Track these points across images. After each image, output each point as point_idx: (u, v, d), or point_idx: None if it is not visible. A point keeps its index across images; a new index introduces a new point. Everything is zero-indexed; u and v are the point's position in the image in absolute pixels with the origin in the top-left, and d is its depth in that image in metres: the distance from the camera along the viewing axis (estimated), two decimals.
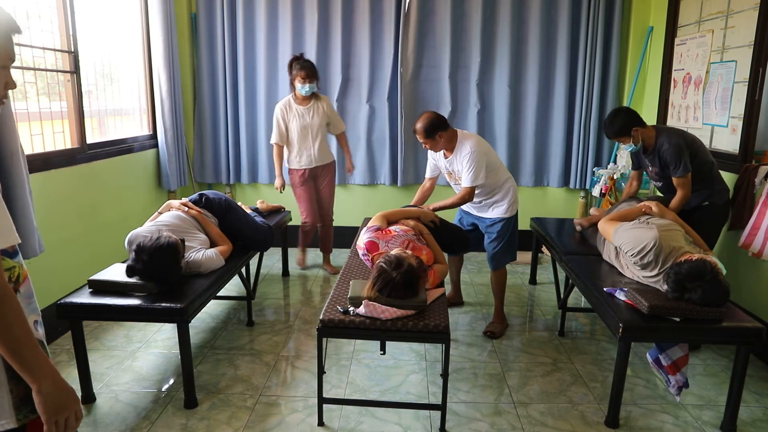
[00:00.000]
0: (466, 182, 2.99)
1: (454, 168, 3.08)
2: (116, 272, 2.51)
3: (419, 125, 2.97)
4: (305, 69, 3.70)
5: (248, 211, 3.38)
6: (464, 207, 3.29)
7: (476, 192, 3.10)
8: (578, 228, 3.46)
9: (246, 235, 3.10)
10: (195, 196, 3.08)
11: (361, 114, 4.64)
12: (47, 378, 1.04)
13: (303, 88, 3.74)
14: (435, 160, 3.24)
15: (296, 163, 3.93)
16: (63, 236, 3.06)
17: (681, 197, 2.92)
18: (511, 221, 3.15)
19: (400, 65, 4.46)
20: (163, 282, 2.39)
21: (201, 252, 2.67)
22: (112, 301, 2.31)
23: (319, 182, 4.06)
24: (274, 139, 3.91)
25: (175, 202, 2.95)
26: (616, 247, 2.76)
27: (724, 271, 2.30)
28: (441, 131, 2.96)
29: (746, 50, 3.11)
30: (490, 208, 3.15)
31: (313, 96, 3.84)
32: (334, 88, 4.57)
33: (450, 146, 3.04)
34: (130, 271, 2.38)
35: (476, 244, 3.31)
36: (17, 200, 2.42)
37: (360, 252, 2.68)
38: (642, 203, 2.83)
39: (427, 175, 3.35)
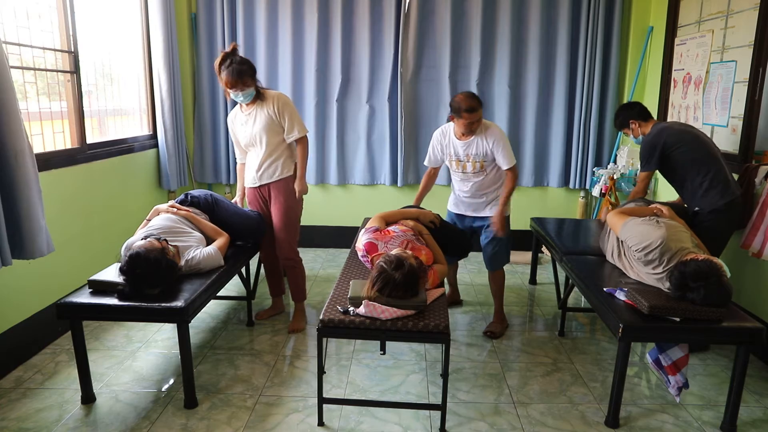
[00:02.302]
0: (507, 163, 3.01)
1: (472, 151, 3.03)
2: (116, 272, 2.51)
3: (477, 102, 2.96)
4: (230, 74, 2.84)
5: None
6: (459, 210, 3.25)
7: (481, 184, 3.10)
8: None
9: (237, 225, 3.05)
10: (180, 197, 3.06)
11: (361, 114, 4.64)
12: None
13: (237, 97, 2.93)
14: (440, 148, 3.16)
15: (247, 181, 3.20)
16: (63, 236, 3.06)
17: (633, 191, 3.16)
18: (507, 220, 3.15)
19: (400, 65, 4.46)
20: (157, 286, 2.36)
21: (199, 250, 2.66)
22: (112, 301, 2.31)
23: (271, 206, 3.17)
24: (237, 157, 3.30)
25: (163, 206, 2.90)
26: (618, 246, 2.76)
27: (729, 274, 2.30)
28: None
29: (746, 50, 3.11)
30: (488, 206, 3.14)
31: (256, 98, 2.99)
32: (334, 88, 4.57)
33: (473, 128, 3.02)
34: (121, 296, 2.33)
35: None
36: (22, 200, 2.40)
37: (359, 254, 2.67)
38: (653, 205, 2.81)
39: (428, 164, 3.29)
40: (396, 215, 2.86)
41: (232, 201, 3.22)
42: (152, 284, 2.34)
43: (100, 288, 2.41)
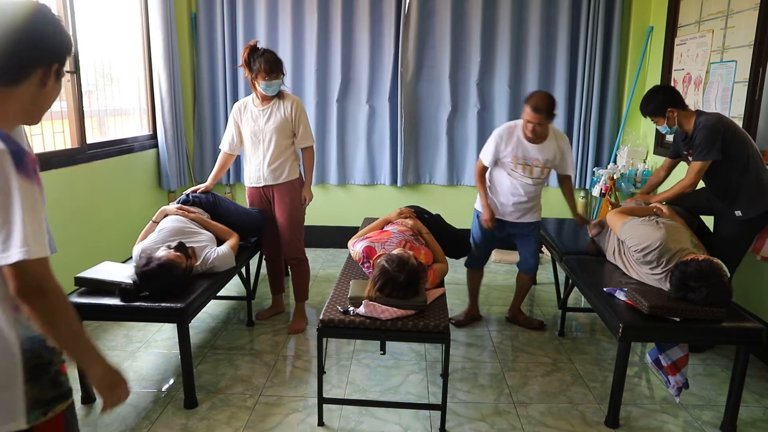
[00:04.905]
0: (572, 169, 3.13)
1: (543, 156, 2.94)
2: (104, 270, 2.50)
3: (546, 103, 2.82)
4: (269, 62, 2.84)
5: None
6: (497, 214, 3.07)
7: (537, 190, 3.04)
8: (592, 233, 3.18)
9: (238, 222, 3.06)
10: (182, 197, 3.06)
11: (360, 114, 4.64)
12: (98, 364, 1.17)
13: (269, 87, 2.90)
14: (505, 149, 2.95)
15: (247, 179, 3.17)
16: (63, 236, 3.05)
17: (683, 185, 2.73)
18: (540, 226, 3.24)
19: (401, 66, 4.46)
20: (172, 294, 2.36)
21: (213, 250, 2.67)
22: (112, 302, 2.30)
23: (275, 207, 3.16)
24: (221, 144, 3.22)
25: (171, 208, 2.92)
26: (619, 245, 2.76)
27: (729, 275, 2.30)
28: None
29: (746, 50, 3.11)
30: (530, 212, 3.07)
31: (276, 95, 3.00)
32: (334, 89, 4.57)
33: (545, 133, 2.95)
34: (124, 295, 2.31)
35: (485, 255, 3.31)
36: None
37: (359, 262, 2.65)
38: (653, 204, 2.80)
39: (487, 163, 3.05)
40: (375, 226, 2.84)
41: (206, 186, 3.17)
42: (162, 293, 2.34)
43: (86, 285, 2.40)
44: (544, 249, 4.46)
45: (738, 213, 2.71)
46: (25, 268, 1.05)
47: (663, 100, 2.77)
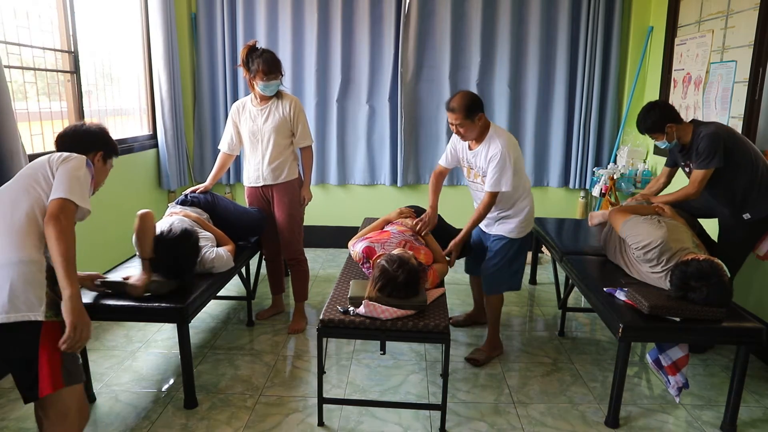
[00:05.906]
0: (489, 185, 2.63)
1: (476, 163, 2.73)
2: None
3: (460, 102, 2.58)
4: (267, 62, 2.82)
5: None
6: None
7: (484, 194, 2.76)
8: (593, 222, 3.20)
9: (237, 221, 3.06)
10: (181, 197, 3.06)
11: (360, 114, 4.64)
12: (74, 287, 1.63)
13: (267, 87, 2.89)
14: (455, 150, 2.88)
15: (246, 179, 3.16)
16: None
17: (686, 192, 2.73)
18: (515, 243, 2.81)
19: (401, 66, 4.46)
20: (184, 272, 2.39)
21: (212, 250, 2.67)
22: (112, 302, 2.30)
23: (274, 207, 3.16)
24: (220, 144, 3.21)
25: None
26: (620, 243, 2.76)
27: (729, 275, 2.30)
28: (481, 113, 2.62)
29: (746, 50, 3.11)
30: (496, 222, 2.84)
31: (275, 95, 2.99)
32: (334, 89, 4.57)
33: (480, 137, 2.69)
34: (155, 267, 2.36)
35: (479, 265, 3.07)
36: None
37: (359, 263, 2.65)
38: (655, 204, 2.80)
39: (442, 163, 2.98)
40: (375, 227, 2.84)
41: (204, 187, 3.14)
42: (182, 261, 2.39)
43: (109, 288, 2.40)
44: (544, 249, 4.47)
45: (747, 216, 2.71)
46: (66, 205, 1.70)
47: (661, 117, 2.75)
